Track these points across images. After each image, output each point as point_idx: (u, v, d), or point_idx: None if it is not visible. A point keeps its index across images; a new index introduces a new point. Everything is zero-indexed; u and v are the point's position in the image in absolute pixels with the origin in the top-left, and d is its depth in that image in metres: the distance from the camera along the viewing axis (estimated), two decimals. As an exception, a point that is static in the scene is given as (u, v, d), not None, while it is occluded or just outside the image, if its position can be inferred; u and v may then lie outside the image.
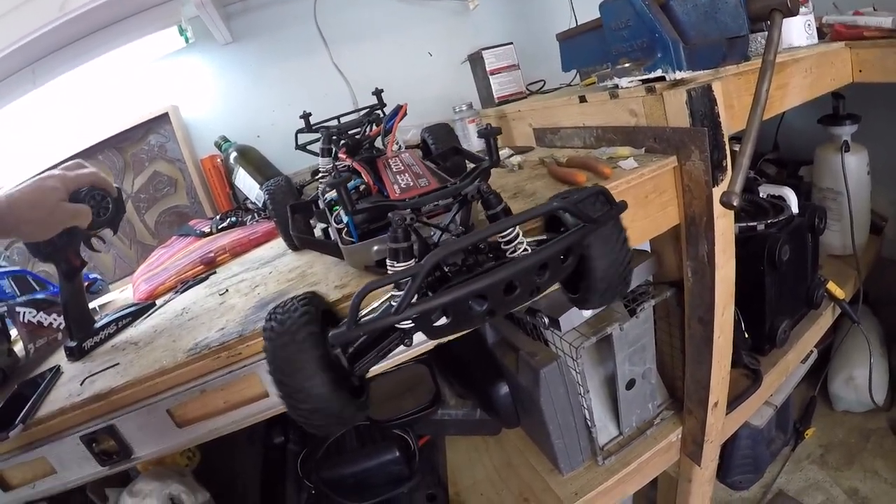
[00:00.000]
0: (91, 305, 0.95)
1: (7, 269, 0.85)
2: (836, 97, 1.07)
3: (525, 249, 0.36)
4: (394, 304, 0.32)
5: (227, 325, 0.52)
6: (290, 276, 0.62)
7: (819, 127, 1.12)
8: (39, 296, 0.83)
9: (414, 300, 0.27)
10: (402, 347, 0.35)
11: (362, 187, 0.52)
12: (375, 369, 0.39)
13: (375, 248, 0.44)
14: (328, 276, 0.55)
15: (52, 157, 1.07)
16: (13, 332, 0.75)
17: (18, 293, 0.83)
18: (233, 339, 0.47)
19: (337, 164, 0.61)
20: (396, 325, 0.31)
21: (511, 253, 0.36)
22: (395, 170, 0.52)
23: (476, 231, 0.30)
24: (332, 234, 0.52)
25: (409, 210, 0.35)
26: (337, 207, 0.56)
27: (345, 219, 0.48)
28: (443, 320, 0.30)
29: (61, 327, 0.78)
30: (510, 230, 0.35)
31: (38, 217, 0.54)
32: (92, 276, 1.05)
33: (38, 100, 1.07)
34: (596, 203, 0.38)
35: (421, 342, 0.40)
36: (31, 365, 0.68)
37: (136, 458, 0.53)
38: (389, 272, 0.34)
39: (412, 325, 0.31)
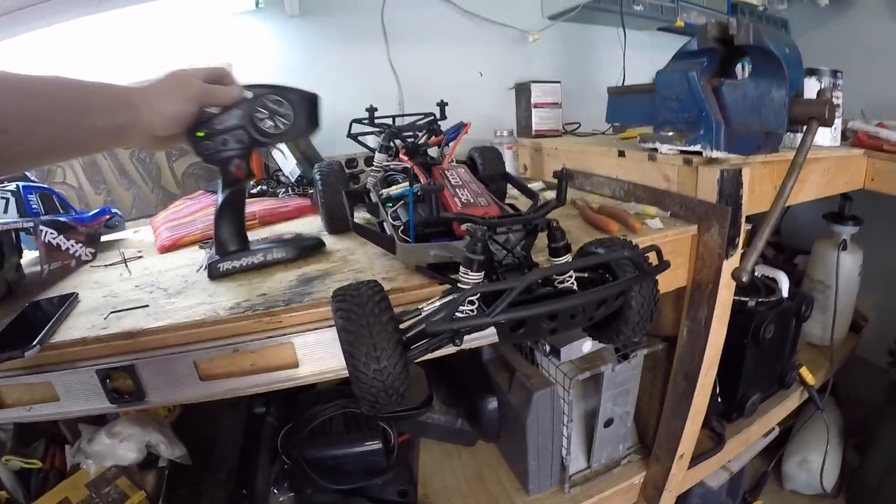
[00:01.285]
0: (105, 239, 0.96)
1: (36, 185, 0.86)
2: (844, 198, 1.14)
3: (572, 283, 0.40)
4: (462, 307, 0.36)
5: (269, 291, 0.54)
6: (332, 258, 0.64)
7: (823, 222, 1.19)
8: (62, 217, 0.82)
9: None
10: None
11: (419, 192, 0.56)
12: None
13: (433, 252, 0.48)
14: (373, 266, 0.58)
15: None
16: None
17: (43, 211, 0.83)
18: (279, 307, 0.50)
19: (394, 163, 0.65)
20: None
21: (560, 284, 0.40)
22: (453, 182, 0.56)
23: (563, 263, 0.35)
24: (388, 229, 0.55)
25: (485, 227, 0.39)
26: (389, 204, 0.59)
27: (404, 218, 0.52)
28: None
29: (76, 254, 0.80)
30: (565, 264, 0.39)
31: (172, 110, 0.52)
32: (112, 210, 1.06)
33: (96, 25, 1.07)
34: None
35: (470, 340, 0.43)
36: (39, 286, 0.67)
37: (148, 402, 0.51)
38: (461, 277, 0.38)
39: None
